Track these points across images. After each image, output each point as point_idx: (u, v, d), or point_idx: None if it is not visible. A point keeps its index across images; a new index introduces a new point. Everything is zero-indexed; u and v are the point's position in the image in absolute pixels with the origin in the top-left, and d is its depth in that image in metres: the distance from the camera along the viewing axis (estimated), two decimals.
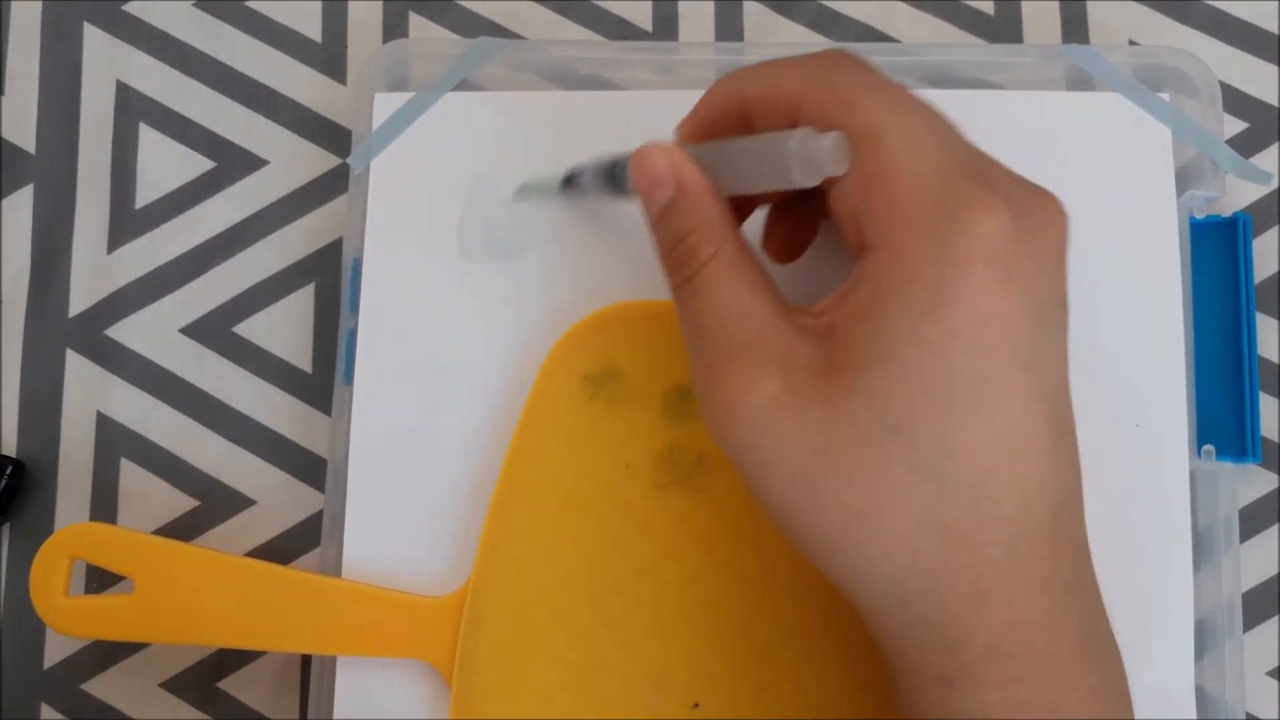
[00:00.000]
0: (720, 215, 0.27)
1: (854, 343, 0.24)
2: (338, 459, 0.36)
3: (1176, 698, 0.34)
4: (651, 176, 0.28)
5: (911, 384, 0.24)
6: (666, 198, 0.28)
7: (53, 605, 0.34)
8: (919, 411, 0.24)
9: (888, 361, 0.24)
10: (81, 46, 0.41)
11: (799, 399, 0.24)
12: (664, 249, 0.28)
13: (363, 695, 0.34)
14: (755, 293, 0.26)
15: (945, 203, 0.24)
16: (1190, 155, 0.37)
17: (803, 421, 0.24)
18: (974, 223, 0.24)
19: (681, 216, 0.27)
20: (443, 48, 0.39)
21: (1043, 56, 0.38)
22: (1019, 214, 0.24)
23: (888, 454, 0.24)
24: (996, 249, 0.23)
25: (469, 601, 0.34)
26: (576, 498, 0.34)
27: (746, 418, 0.25)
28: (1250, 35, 0.40)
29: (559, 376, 0.35)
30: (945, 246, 0.23)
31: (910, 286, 0.24)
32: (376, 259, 0.37)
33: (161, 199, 0.40)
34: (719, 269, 0.27)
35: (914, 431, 0.24)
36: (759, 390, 0.25)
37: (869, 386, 0.24)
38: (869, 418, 0.24)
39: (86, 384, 0.39)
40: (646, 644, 0.34)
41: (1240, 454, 0.35)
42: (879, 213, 0.24)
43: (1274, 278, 0.38)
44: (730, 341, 0.26)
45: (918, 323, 0.23)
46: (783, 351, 0.25)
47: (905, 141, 0.25)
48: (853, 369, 0.24)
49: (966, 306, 0.23)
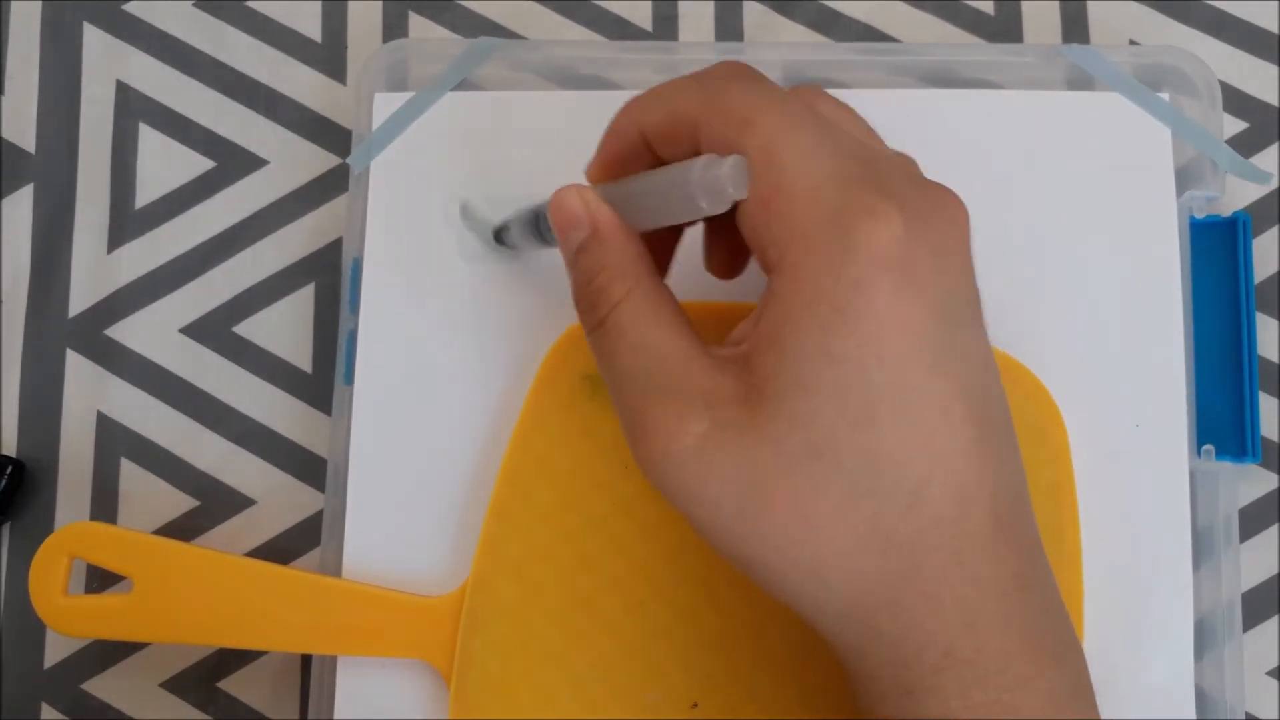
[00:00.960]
0: (632, 255, 0.27)
1: (769, 369, 0.24)
2: (338, 459, 0.36)
3: (1176, 698, 0.34)
4: (566, 218, 0.28)
5: (829, 402, 0.24)
6: (580, 238, 0.27)
7: (52, 605, 0.34)
8: (840, 429, 0.24)
9: (803, 384, 0.24)
10: (81, 46, 0.41)
11: (727, 435, 0.24)
12: (577, 290, 0.28)
13: (363, 695, 0.34)
14: (669, 333, 0.26)
15: (838, 217, 0.24)
16: (1190, 155, 0.37)
17: (734, 458, 0.24)
18: (868, 233, 0.23)
19: (592, 257, 0.27)
20: (443, 47, 0.39)
21: (1043, 56, 0.38)
22: (914, 217, 0.24)
23: (819, 475, 0.24)
24: (892, 256, 0.23)
25: (468, 601, 0.34)
26: (575, 497, 0.34)
27: (678, 462, 0.25)
28: (1250, 35, 0.40)
29: (558, 376, 0.35)
30: (842, 261, 0.23)
31: (813, 306, 0.24)
32: (376, 259, 0.37)
33: (161, 199, 0.40)
34: (630, 310, 0.26)
35: (839, 449, 0.24)
36: (687, 432, 0.25)
37: (790, 411, 0.24)
38: (795, 442, 0.24)
39: (86, 384, 0.39)
40: (645, 644, 0.34)
41: (1240, 454, 0.35)
42: (777, 232, 0.24)
43: (1274, 277, 0.38)
44: (650, 384, 0.26)
45: (825, 340, 0.23)
46: (705, 389, 0.25)
47: (797, 157, 0.24)
48: (772, 396, 0.24)
49: (869, 318, 0.23)
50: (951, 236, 0.25)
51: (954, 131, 0.37)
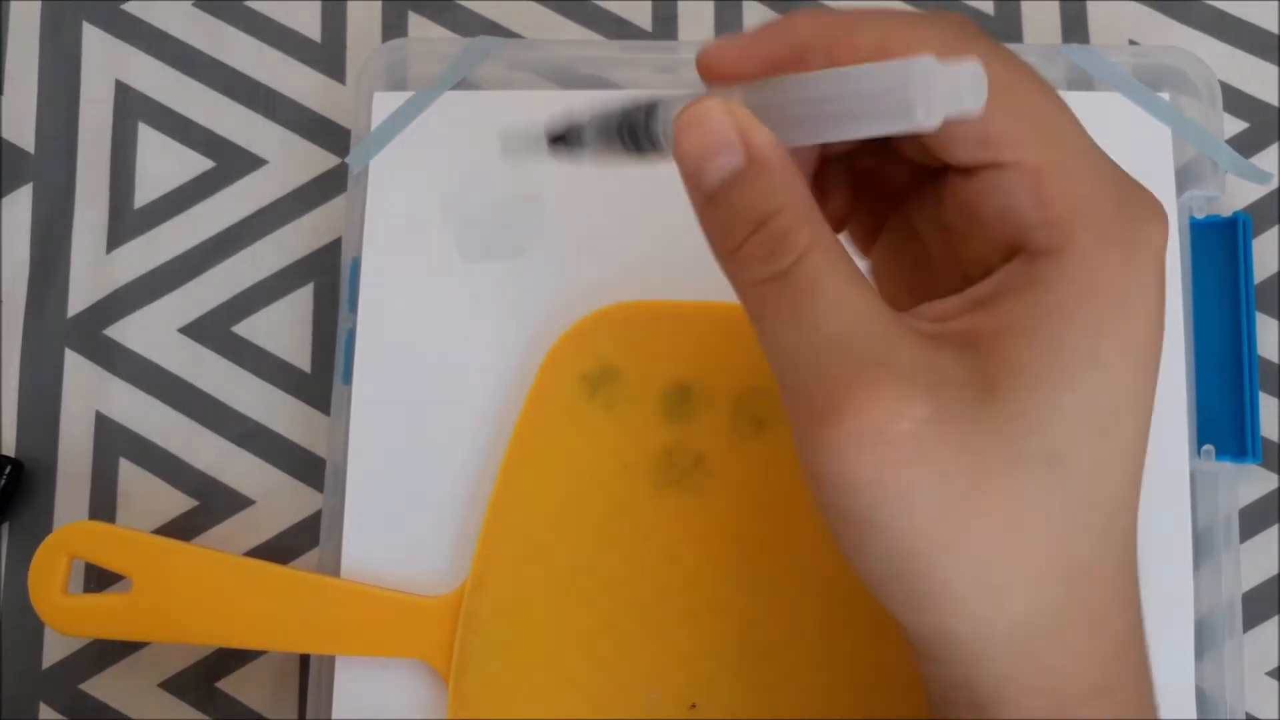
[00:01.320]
0: (808, 193, 0.22)
1: (1018, 358, 0.21)
2: (336, 458, 0.36)
3: (1177, 698, 0.34)
4: (709, 138, 0.22)
5: (1080, 408, 0.21)
6: (732, 168, 0.22)
7: (51, 603, 0.34)
8: (1081, 435, 0.21)
9: (1058, 380, 0.21)
10: (81, 46, 0.41)
11: (955, 424, 0.21)
12: (734, 235, 0.22)
13: (361, 695, 0.34)
14: (868, 292, 0.22)
15: (1129, 210, 0.22)
16: (1190, 155, 0.37)
17: (958, 450, 0.21)
18: (1153, 234, 0.22)
19: (760, 193, 0.21)
20: (442, 47, 0.39)
21: (1043, 56, 0.38)
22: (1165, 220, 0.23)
23: (1044, 485, 0.21)
24: (1163, 256, 0.22)
25: (466, 601, 0.34)
26: (574, 497, 0.34)
27: (887, 449, 0.20)
28: (1250, 35, 0.40)
29: (557, 376, 0.35)
30: (1131, 259, 0.21)
31: (1094, 298, 0.21)
32: (375, 258, 0.37)
33: (161, 198, 0.40)
34: (821, 261, 0.21)
35: (1073, 459, 0.21)
36: (908, 416, 0.20)
37: (1034, 409, 0.21)
38: (1031, 444, 0.21)
39: (85, 384, 0.39)
40: (644, 644, 0.34)
41: (1240, 454, 0.35)
42: (1057, 213, 0.21)
43: (1274, 278, 0.38)
44: (855, 356, 0.21)
45: (1099, 340, 0.21)
46: (925, 366, 0.21)
47: (1076, 134, 0.22)
48: (1016, 388, 0.21)
49: (1141, 320, 0.21)
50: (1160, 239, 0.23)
51: None
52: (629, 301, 0.36)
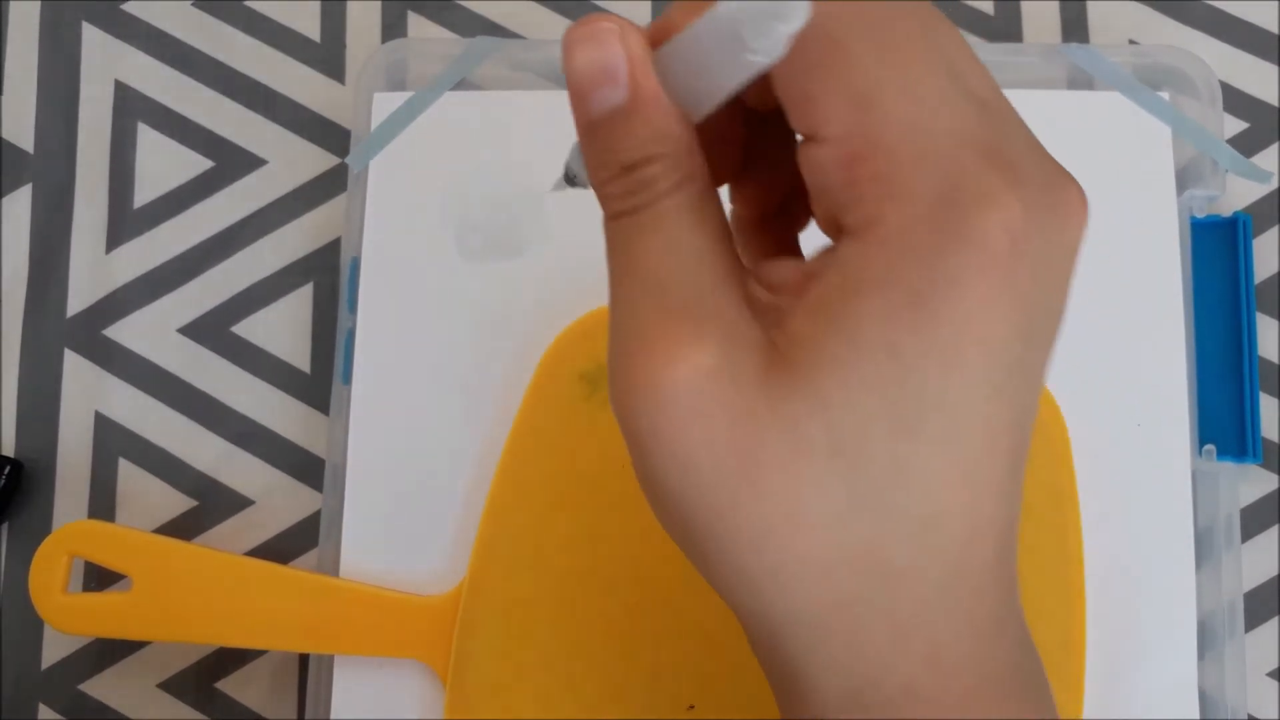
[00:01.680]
0: (688, 140, 0.21)
1: (812, 337, 0.20)
2: (336, 459, 0.36)
3: (1179, 698, 0.34)
4: (595, 65, 0.21)
5: (871, 400, 0.20)
6: (614, 102, 0.21)
7: (52, 602, 0.34)
8: (875, 433, 0.20)
9: (848, 369, 0.20)
10: (80, 46, 0.41)
11: (734, 384, 0.20)
12: (604, 171, 0.22)
13: (360, 695, 0.34)
14: (712, 244, 0.21)
15: (951, 196, 0.20)
16: (1190, 154, 0.37)
17: (733, 412, 0.20)
18: (981, 224, 0.19)
19: (635, 134, 0.21)
20: (441, 47, 0.39)
21: (1043, 56, 0.38)
22: (1034, 208, 0.20)
23: (828, 474, 0.20)
24: (1000, 254, 0.20)
25: (464, 601, 0.34)
26: (572, 497, 0.34)
27: (668, 392, 0.20)
28: (1250, 35, 0.40)
29: (555, 375, 0.35)
30: (942, 250, 0.20)
31: (890, 289, 0.20)
32: (375, 258, 0.37)
33: (160, 198, 0.40)
34: (677, 205, 0.21)
35: (864, 454, 0.20)
36: (691, 360, 0.20)
37: (820, 392, 0.20)
38: (813, 428, 0.20)
39: (85, 384, 0.39)
40: (642, 645, 0.34)
41: (1241, 454, 0.35)
42: (865, 193, 0.20)
43: (1274, 278, 0.38)
44: (669, 295, 0.21)
45: (893, 332, 0.20)
46: (727, 321, 0.21)
47: (909, 102, 0.20)
48: (805, 366, 0.20)
49: (952, 321, 0.20)
50: (1066, 239, 0.21)
51: None
52: None
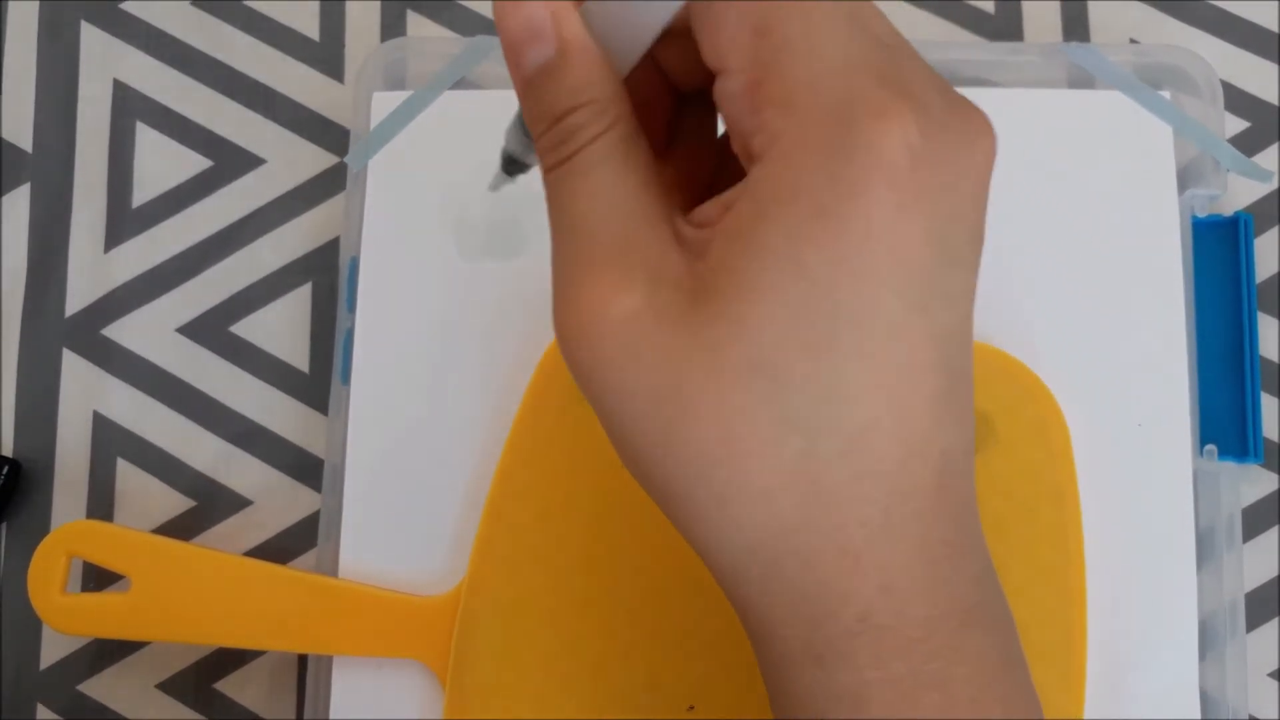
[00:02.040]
0: (613, 86, 0.22)
1: (726, 262, 0.21)
2: (335, 459, 0.36)
3: (1180, 699, 0.34)
4: (523, 26, 0.22)
5: (785, 316, 0.20)
6: (543, 58, 0.22)
7: (50, 602, 0.34)
8: (792, 349, 0.20)
9: (761, 288, 0.20)
10: (79, 45, 0.41)
11: (660, 321, 0.21)
12: (543, 122, 0.23)
13: (358, 695, 0.34)
14: (638, 187, 0.22)
15: (845, 110, 0.20)
16: (1192, 154, 0.37)
17: (660, 348, 0.21)
18: (877, 135, 0.20)
19: (564, 85, 0.22)
20: (441, 46, 0.38)
21: (1044, 55, 0.38)
22: (933, 128, 0.21)
23: (752, 395, 0.21)
24: (899, 168, 0.20)
25: (464, 602, 0.34)
26: (572, 498, 0.34)
27: (599, 334, 0.21)
28: (1252, 34, 0.40)
29: (554, 376, 0.35)
30: (840, 161, 0.20)
31: (793, 204, 0.20)
32: (374, 258, 0.37)
33: (159, 198, 0.40)
34: (604, 150, 0.22)
35: (784, 372, 0.21)
36: (618, 303, 0.21)
37: (737, 315, 0.21)
38: (733, 352, 0.21)
39: (83, 384, 0.39)
40: (641, 646, 0.34)
41: (1242, 454, 0.35)
42: (766, 118, 0.21)
43: (1275, 277, 0.38)
44: (598, 241, 0.22)
45: (799, 246, 0.20)
46: (653, 261, 0.22)
47: (802, 34, 0.21)
48: (721, 293, 0.21)
49: (857, 231, 0.20)
50: (971, 158, 0.22)
51: None
52: None
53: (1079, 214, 0.36)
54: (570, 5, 0.22)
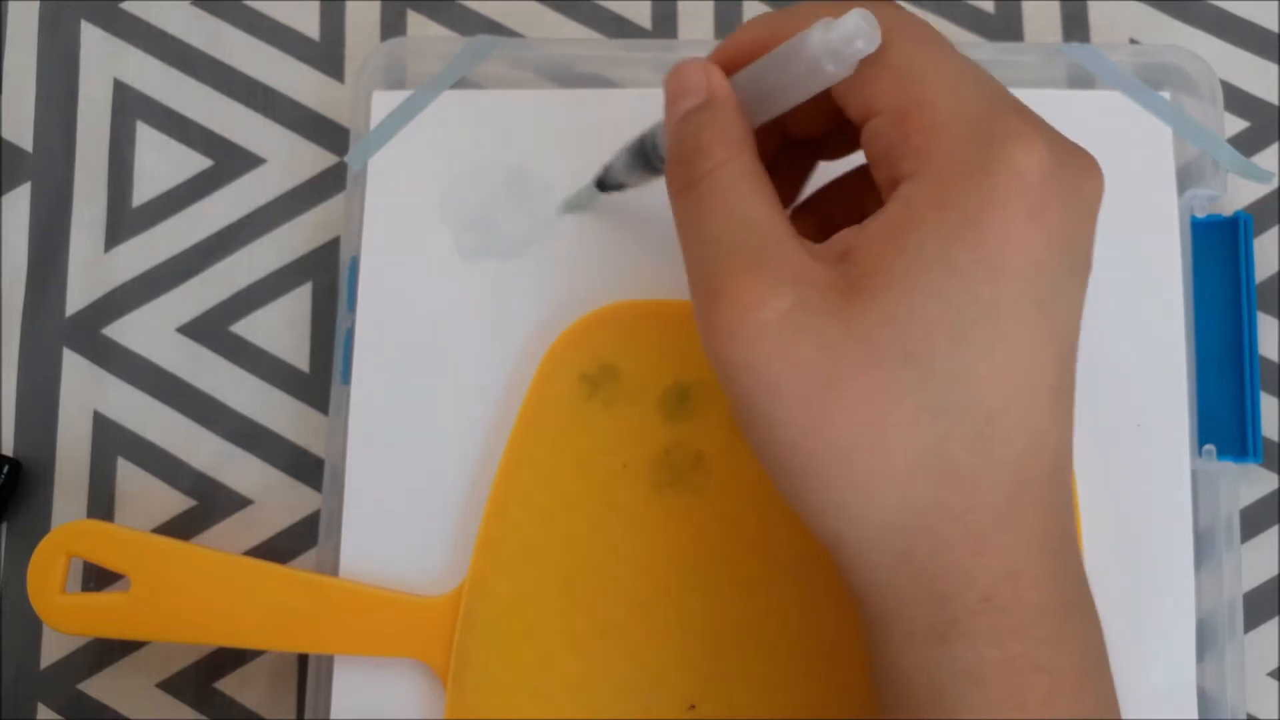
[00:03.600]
0: (743, 127, 0.26)
1: (877, 263, 0.24)
2: (335, 458, 0.36)
3: (1178, 699, 0.34)
4: (683, 84, 0.27)
5: (934, 309, 0.23)
6: (693, 104, 0.26)
7: (50, 602, 0.34)
8: (938, 339, 0.23)
9: (912, 283, 0.23)
10: (79, 44, 0.41)
11: (812, 318, 0.23)
12: (674, 150, 0.27)
13: (359, 695, 0.34)
14: (767, 207, 0.25)
15: (985, 134, 0.24)
16: (1191, 154, 0.37)
17: (815, 342, 0.23)
18: (1013, 155, 0.23)
19: (701, 120, 0.26)
20: (441, 46, 0.38)
21: (1043, 55, 0.38)
22: (1057, 153, 0.24)
23: (902, 383, 0.23)
24: (1032, 184, 0.23)
25: (465, 601, 0.34)
26: (573, 498, 0.34)
27: (754, 334, 0.24)
28: (1251, 34, 0.40)
29: (556, 376, 0.35)
30: (983, 175, 0.23)
31: (942, 211, 0.23)
32: (374, 258, 0.37)
33: (159, 197, 0.40)
34: (731, 173, 0.25)
35: (931, 360, 0.23)
36: (771, 305, 0.24)
37: (889, 308, 0.23)
38: (886, 342, 0.23)
39: (83, 383, 0.39)
40: (642, 644, 0.34)
41: (1241, 454, 0.35)
42: (916, 143, 0.24)
43: (1275, 277, 0.38)
44: (740, 251, 0.24)
45: (948, 247, 0.23)
46: (796, 267, 0.24)
47: (940, 74, 0.24)
48: (873, 289, 0.23)
49: (998, 235, 0.23)
50: (1087, 189, 0.25)
51: None
52: (629, 301, 0.36)
53: None
54: (720, 71, 0.27)
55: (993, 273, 0.23)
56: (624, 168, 0.33)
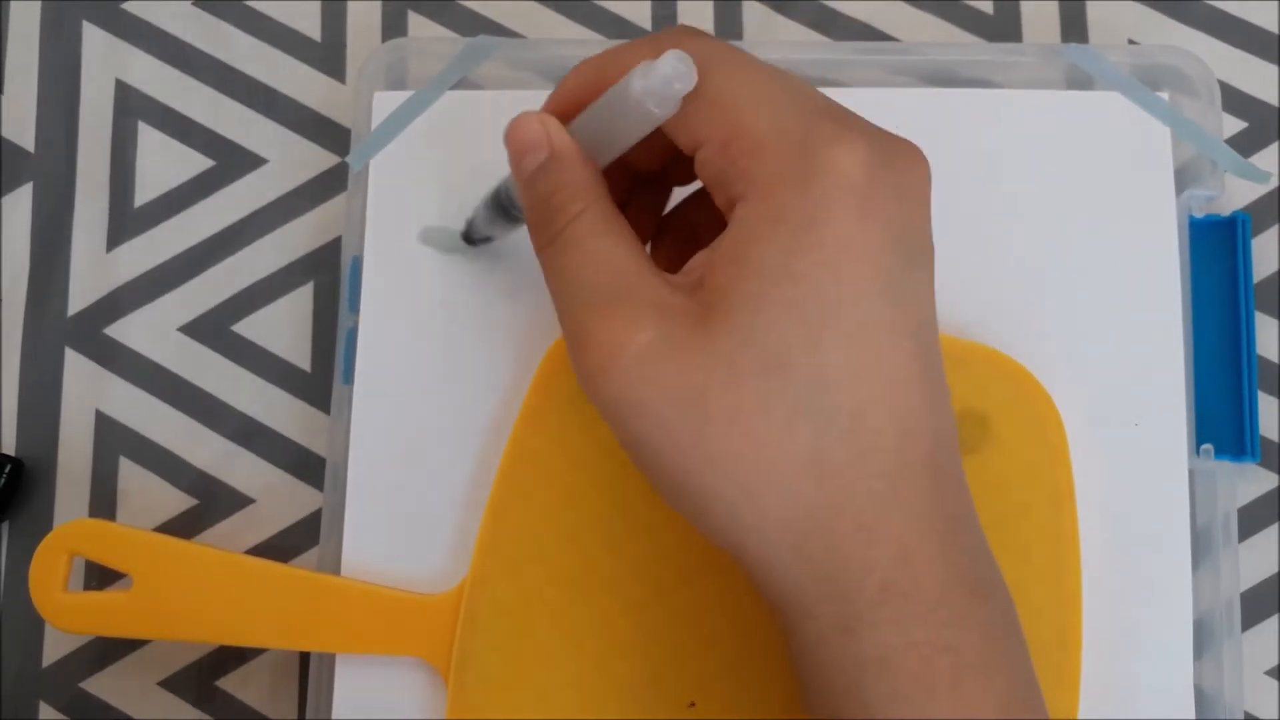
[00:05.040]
0: (591, 176, 0.27)
1: (726, 285, 0.25)
2: (337, 458, 0.36)
3: (1175, 697, 0.34)
4: (524, 141, 0.27)
5: (784, 319, 0.24)
6: (538, 161, 0.27)
7: (52, 601, 0.34)
8: (793, 346, 0.24)
9: (760, 298, 0.24)
10: (81, 45, 0.41)
11: (674, 347, 0.24)
12: (531, 211, 0.28)
13: (361, 693, 0.34)
14: (623, 248, 0.26)
15: (804, 144, 0.24)
16: (1189, 154, 0.37)
17: (680, 368, 0.24)
18: (834, 158, 0.24)
19: (550, 177, 0.27)
20: (441, 46, 0.39)
21: (1042, 56, 0.38)
22: (879, 150, 0.24)
23: (767, 392, 0.24)
24: (856, 182, 0.24)
25: (466, 599, 0.34)
26: (573, 496, 0.34)
27: (622, 370, 0.25)
28: (1249, 34, 0.40)
29: (557, 375, 0.35)
30: (805, 183, 0.24)
31: (775, 224, 0.24)
32: (376, 258, 0.37)
33: (161, 197, 0.40)
34: (586, 223, 0.26)
35: (789, 366, 0.24)
36: (634, 340, 0.25)
37: (743, 325, 0.24)
38: (745, 357, 0.24)
39: (85, 382, 0.39)
40: (642, 643, 0.34)
41: (1239, 453, 0.35)
42: (741, 166, 0.25)
43: (1273, 277, 0.38)
44: (600, 294, 0.26)
45: (787, 259, 0.24)
46: (655, 301, 0.25)
47: (755, 98, 0.25)
48: (726, 309, 0.24)
49: (832, 238, 0.24)
50: (913, 178, 0.25)
51: (953, 131, 0.37)
52: None
53: (1077, 214, 0.36)
54: (559, 124, 0.27)
55: (834, 274, 0.24)
56: (485, 222, 0.33)
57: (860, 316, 0.24)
